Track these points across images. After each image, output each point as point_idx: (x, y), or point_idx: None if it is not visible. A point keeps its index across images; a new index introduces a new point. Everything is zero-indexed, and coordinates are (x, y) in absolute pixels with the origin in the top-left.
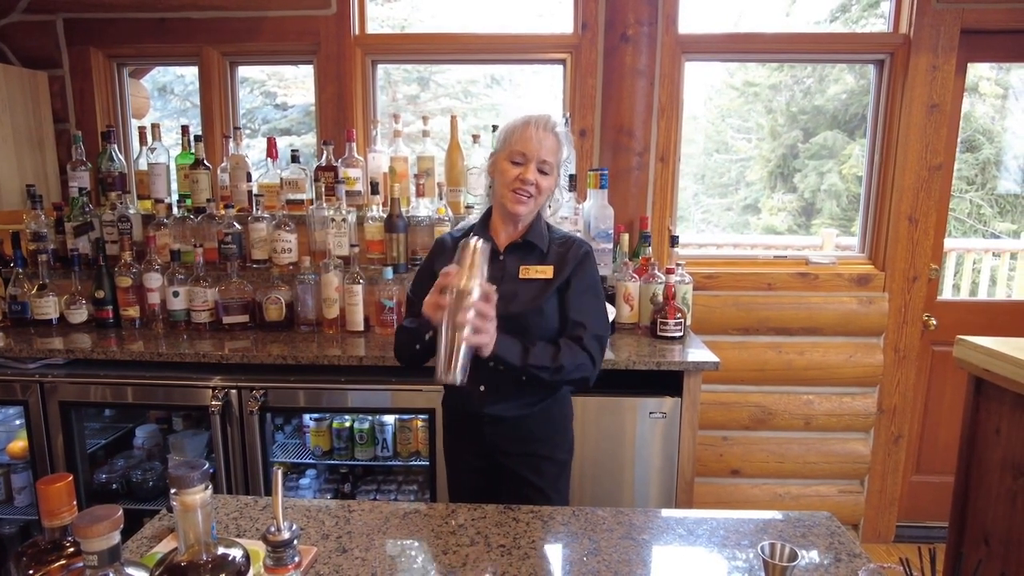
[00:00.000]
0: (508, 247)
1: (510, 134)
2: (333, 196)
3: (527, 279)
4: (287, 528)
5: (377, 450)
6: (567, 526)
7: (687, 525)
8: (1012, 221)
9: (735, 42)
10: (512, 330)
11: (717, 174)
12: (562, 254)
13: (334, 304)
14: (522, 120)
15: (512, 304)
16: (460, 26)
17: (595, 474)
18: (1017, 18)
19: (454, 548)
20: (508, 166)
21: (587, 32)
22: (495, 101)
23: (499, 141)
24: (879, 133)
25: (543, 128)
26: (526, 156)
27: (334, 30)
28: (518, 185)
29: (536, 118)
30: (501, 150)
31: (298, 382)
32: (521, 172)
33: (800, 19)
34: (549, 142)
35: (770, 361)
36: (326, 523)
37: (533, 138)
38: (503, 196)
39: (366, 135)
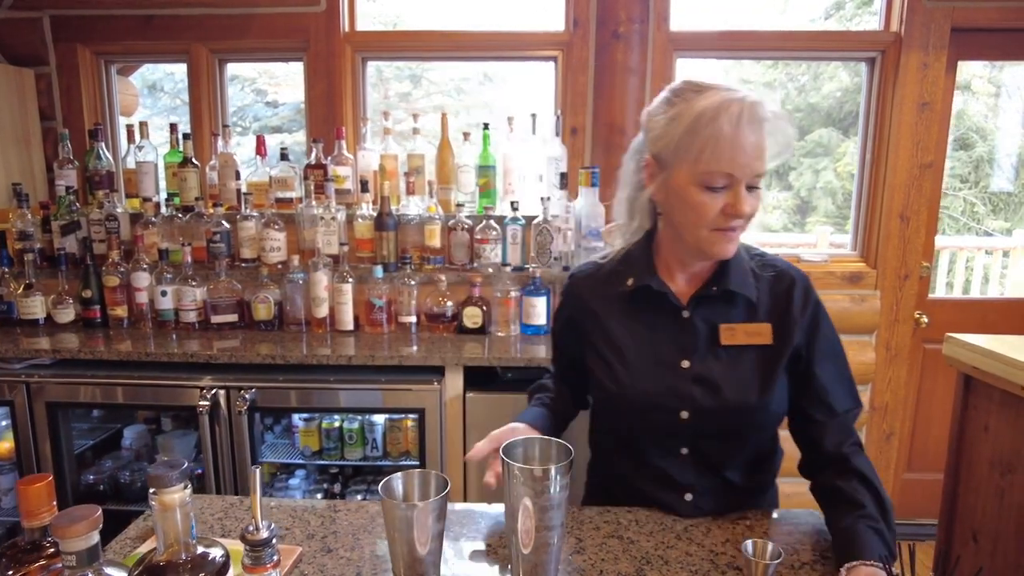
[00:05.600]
0: (694, 298)
1: (696, 137)
2: (322, 194)
3: (734, 346)
4: (265, 527)
5: (367, 450)
6: None
7: (672, 523)
8: (1005, 219)
9: (727, 40)
10: (721, 433)
11: None
12: (777, 299)
13: (323, 303)
14: (714, 107)
15: (723, 393)
16: (452, 23)
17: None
18: (1007, 16)
19: None
20: (699, 194)
21: (578, 29)
22: (488, 99)
23: (668, 143)
24: (870, 131)
25: (753, 122)
26: (734, 177)
27: (323, 27)
28: (723, 223)
29: (739, 105)
30: (677, 163)
31: (286, 382)
32: (727, 204)
33: (795, 16)
34: (762, 139)
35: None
36: (312, 523)
37: (744, 146)
38: (696, 237)
39: (356, 133)
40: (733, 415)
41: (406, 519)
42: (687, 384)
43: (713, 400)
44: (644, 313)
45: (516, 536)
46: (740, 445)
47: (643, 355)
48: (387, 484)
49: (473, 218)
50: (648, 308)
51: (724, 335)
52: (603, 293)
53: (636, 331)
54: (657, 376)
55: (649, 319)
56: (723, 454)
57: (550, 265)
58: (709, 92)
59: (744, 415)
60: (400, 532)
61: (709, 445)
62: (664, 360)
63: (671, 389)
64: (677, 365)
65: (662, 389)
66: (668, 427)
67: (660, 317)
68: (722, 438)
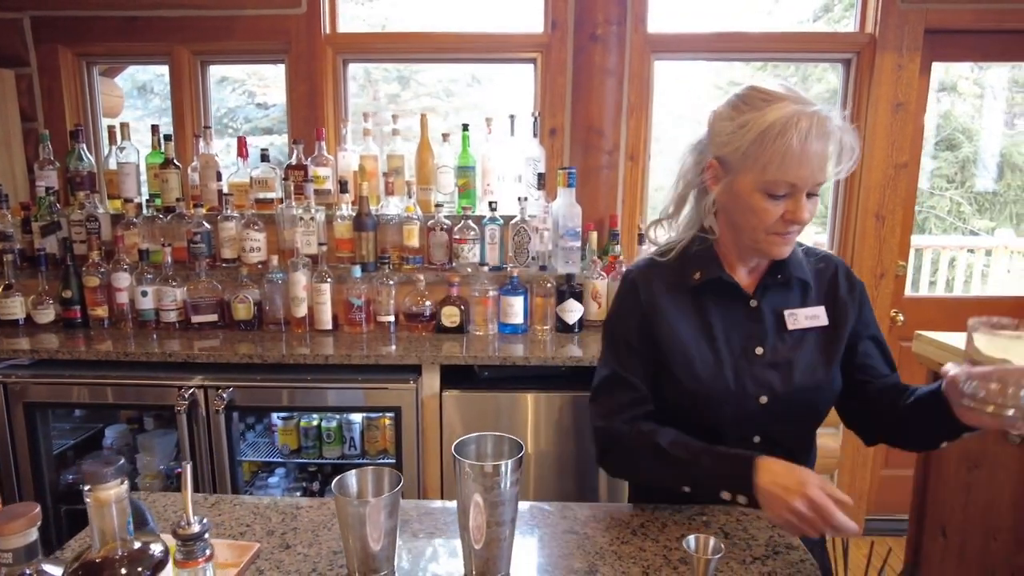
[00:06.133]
0: (759, 287)
1: (764, 148)
2: (302, 195)
3: (797, 330)
4: (197, 522)
5: (345, 448)
6: None
7: (630, 518)
8: (990, 218)
9: (703, 41)
10: (794, 416)
11: None
12: (826, 283)
13: (302, 303)
14: (783, 120)
15: (794, 376)
16: (435, 25)
17: (560, 471)
18: (980, 18)
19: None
20: (762, 201)
21: (557, 31)
22: (477, 100)
23: (735, 150)
24: None
25: (821, 136)
26: (796, 187)
27: (304, 29)
28: (782, 228)
29: (809, 120)
30: (742, 170)
31: (264, 381)
32: (788, 211)
33: (783, 18)
34: (827, 152)
35: None
36: (273, 519)
37: (810, 158)
38: (755, 239)
39: (337, 134)
40: (806, 395)
41: (358, 515)
42: (763, 370)
43: (787, 383)
44: (713, 306)
45: (468, 532)
46: (805, 429)
47: (719, 347)
48: (340, 481)
49: (452, 218)
50: (716, 301)
51: (789, 320)
52: (669, 289)
53: (707, 324)
54: (736, 366)
55: (719, 311)
56: (791, 439)
57: (528, 265)
58: (779, 103)
59: (814, 394)
60: (353, 528)
61: (781, 431)
62: (740, 349)
63: (751, 377)
64: (752, 353)
65: (743, 378)
66: (746, 415)
67: (729, 308)
68: (794, 421)
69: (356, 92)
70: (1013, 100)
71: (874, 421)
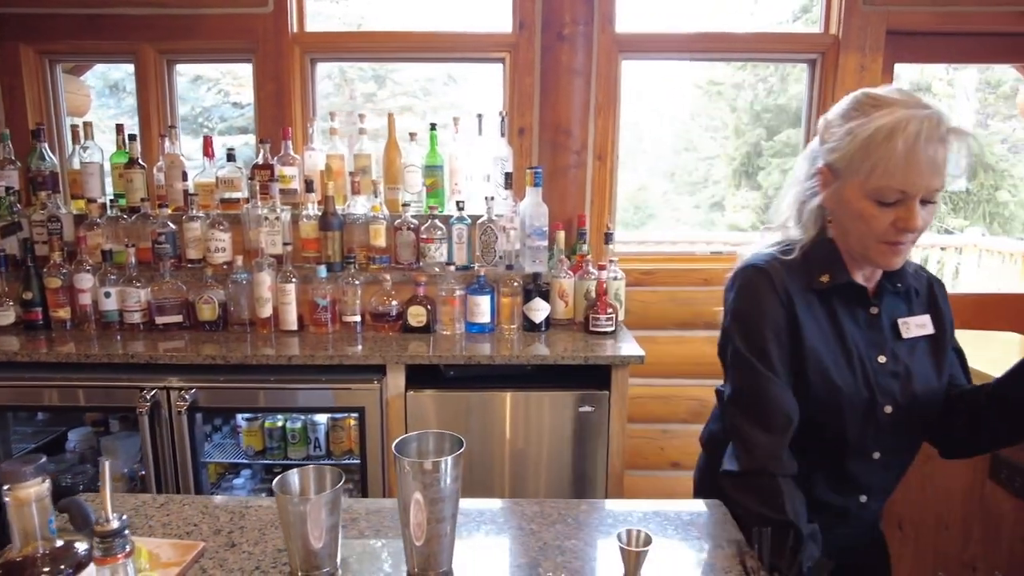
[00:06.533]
0: (877, 295)
1: (869, 154)
2: (267, 195)
3: (910, 339)
4: (116, 519)
5: (310, 449)
6: (463, 515)
7: (575, 514)
8: (964, 216)
9: (671, 42)
10: (913, 426)
11: (686, 172)
12: (925, 290)
13: (267, 303)
14: (890, 125)
15: (913, 385)
16: (409, 24)
17: (526, 468)
18: (938, 20)
19: (343, 541)
20: (871, 208)
21: (524, 31)
22: (454, 99)
23: (843, 156)
24: (812, 131)
25: (932, 140)
26: (907, 193)
27: (271, 28)
28: (893, 237)
29: (917, 123)
30: (849, 176)
31: (228, 382)
32: (899, 218)
33: (764, 19)
34: (941, 156)
35: (707, 355)
36: (221, 519)
37: (919, 164)
38: (864, 247)
39: (304, 133)
40: (925, 404)
41: (299, 514)
42: (887, 379)
43: (908, 393)
44: (837, 311)
45: (409, 529)
46: (917, 444)
47: (846, 353)
48: (282, 480)
49: (419, 218)
50: (840, 306)
51: (903, 329)
52: (799, 288)
53: (832, 329)
54: (865, 373)
55: (842, 317)
56: (907, 450)
57: (495, 264)
58: (888, 107)
59: (931, 403)
60: (294, 526)
61: (899, 446)
62: (864, 357)
63: (876, 385)
64: (876, 360)
65: (872, 386)
66: (871, 426)
67: (852, 315)
68: (912, 433)
69: (332, 91)
70: (985, 101)
71: (951, 429)
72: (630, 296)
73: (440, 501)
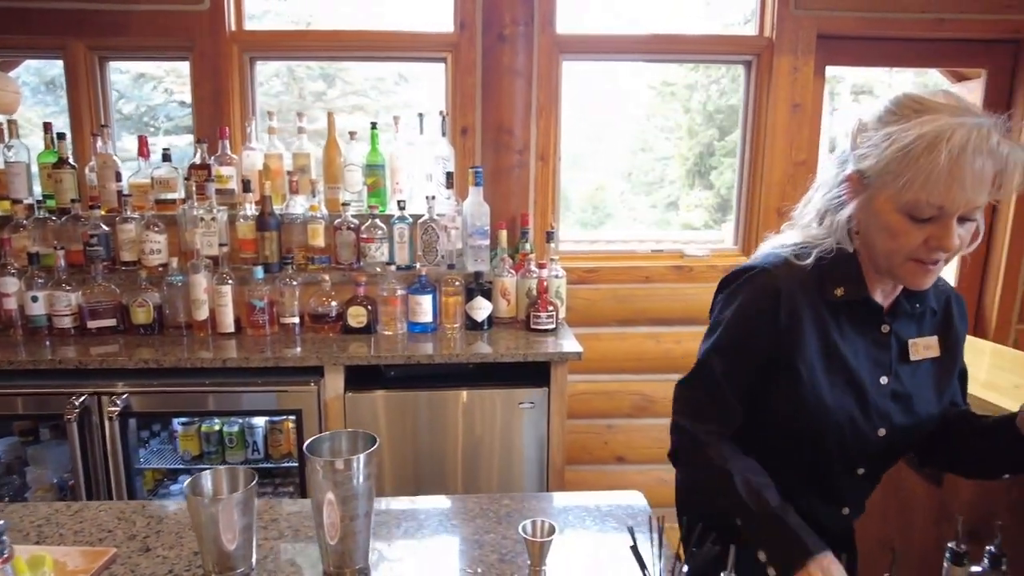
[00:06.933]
0: (890, 314)
1: (908, 164)
2: (204, 195)
3: (918, 362)
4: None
5: (248, 453)
6: (385, 514)
7: (496, 508)
8: None
9: (611, 43)
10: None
11: (643, 172)
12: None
13: (203, 305)
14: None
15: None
16: (352, 23)
17: (478, 464)
18: (864, 26)
19: (261, 541)
20: (903, 222)
21: (465, 31)
22: (407, 98)
23: (876, 163)
24: (749, 130)
25: (979, 152)
26: (945, 210)
27: (208, 26)
28: (924, 255)
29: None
30: (882, 186)
31: (163, 386)
32: (932, 236)
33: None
34: (988, 171)
35: (649, 350)
36: (137, 524)
37: (963, 178)
38: (891, 264)
39: (242, 132)
40: (920, 427)
41: (211, 515)
42: (886, 401)
43: (907, 416)
44: (845, 326)
45: (323, 529)
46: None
47: (847, 370)
48: (194, 482)
49: (359, 217)
50: (849, 321)
51: (912, 350)
52: (809, 299)
53: (837, 344)
54: (862, 395)
55: (850, 333)
56: (892, 466)
57: (437, 264)
58: (932, 112)
59: (927, 426)
60: (207, 528)
61: (888, 461)
62: (866, 377)
63: (873, 407)
64: (877, 382)
65: (867, 408)
66: (861, 446)
67: (861, 332)
68: (903, 450)
69: (282, 90)
70: None
71: (936, 446)
72: (575, 294)
73: (353, 499)
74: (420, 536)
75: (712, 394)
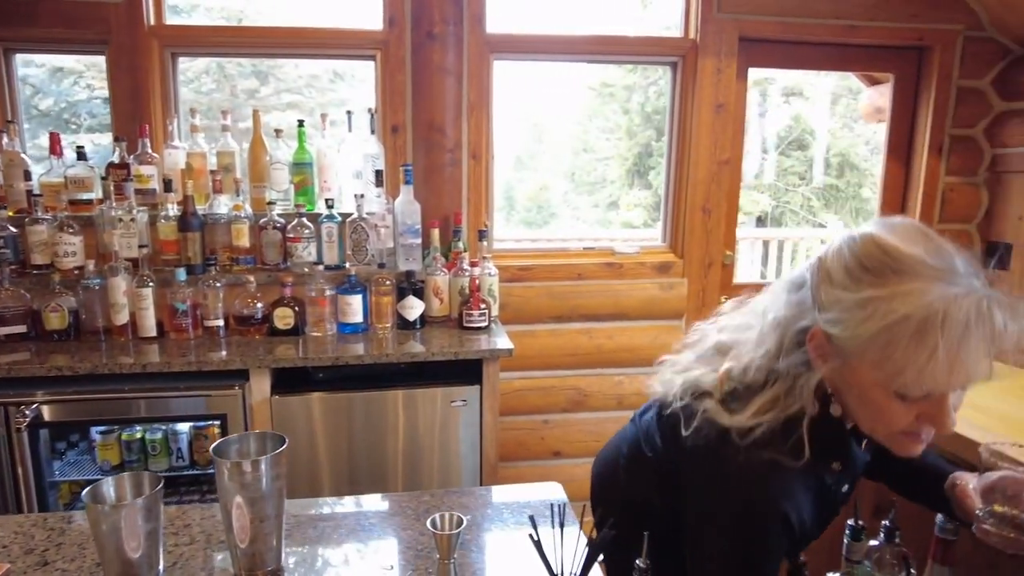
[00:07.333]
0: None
1: (896, 350)
2: (123, 195)
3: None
4: None
5: (172, 460)
6: (300, 516)
7: (415, 506)
8: (834, 212)
9: (541, 43)
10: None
11: (585, 172)
12: None
13: (123, 309)
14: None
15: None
16: (284, 20)
17: (419, 463)
18: (783, 30)
19: (171, 547)
20: (890, 402)
21: (394, 29)
22: (343, 96)
23: (852, 336)
24: (675, 130)
25: (984, 327)
26: (940, 392)
27: (125, 19)
28: (916, 429)
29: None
30: (862, 362)
31: (78, 394)
32: (925, 414)
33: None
34: (993, 343)
35: (582, 346)
36: (36, 537)
37: (965, 361)
38: (874, 435)
39: (164, 130)
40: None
41: (112, 523)
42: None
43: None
44: (815, 488)
45: (232, 532)
46: None
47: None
48: (94, 490)
49: (286, 216)
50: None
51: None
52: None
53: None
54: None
55: (814, 494)
56: None
57: (367, 263)
58: (913, 279)
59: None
60: (107, 536)
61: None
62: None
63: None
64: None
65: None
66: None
67: (822, 491)
68: None
69: (214, 88)
70: (849, 106)
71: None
72: (509, 292)
73: (262, 501)
74: (336, 536)
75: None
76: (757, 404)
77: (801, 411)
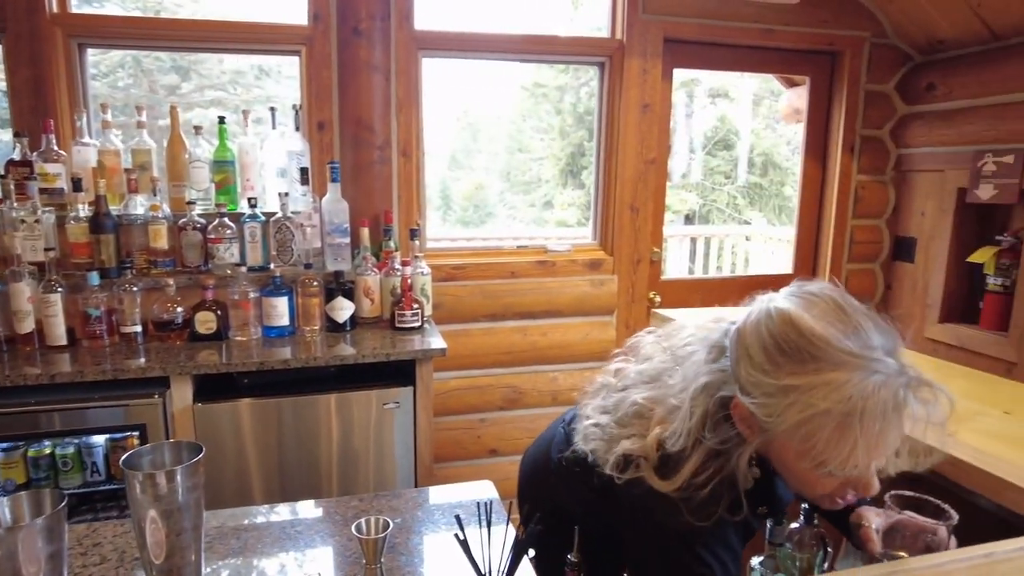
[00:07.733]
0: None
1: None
2: (25, 195)
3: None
4: None
5: (87, 475)
6: (221, 528)
7: (344, 512)
8: (759, 209)
9: (470, 41)
10: None
11: (520, 172)
12: None
13: (28, 317)
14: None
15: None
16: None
17: (354, 467)
18: (704, 32)
19: (79, 569)
20: (815, 474)
21: (320, 24)
22: (270, 92)
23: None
24: (603, 130)
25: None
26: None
27: (23, 5)
28: (842, 494)
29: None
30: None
31: None
32: (850, 482)
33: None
34: (911, 421)
35: (517, 344)
36: None
37: (887, 440)
38: (802, 495)
39: (71, 126)
40: None
41: (8, 547)
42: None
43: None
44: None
45: (146, 549)
46: None
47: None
48: None
49: (206, 216)
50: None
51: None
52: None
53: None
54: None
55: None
56: None
57: (293, 263)
58: (832, 367)
59: None
60: (3, 563)
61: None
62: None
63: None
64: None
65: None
66: None
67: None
68: None
69: (131, 83)
70: (771, 107)
71: None
72: (443, 291)
73: (177, 513)
74: (261, 546)
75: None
76: (689, 469)
77: (733, 474)
